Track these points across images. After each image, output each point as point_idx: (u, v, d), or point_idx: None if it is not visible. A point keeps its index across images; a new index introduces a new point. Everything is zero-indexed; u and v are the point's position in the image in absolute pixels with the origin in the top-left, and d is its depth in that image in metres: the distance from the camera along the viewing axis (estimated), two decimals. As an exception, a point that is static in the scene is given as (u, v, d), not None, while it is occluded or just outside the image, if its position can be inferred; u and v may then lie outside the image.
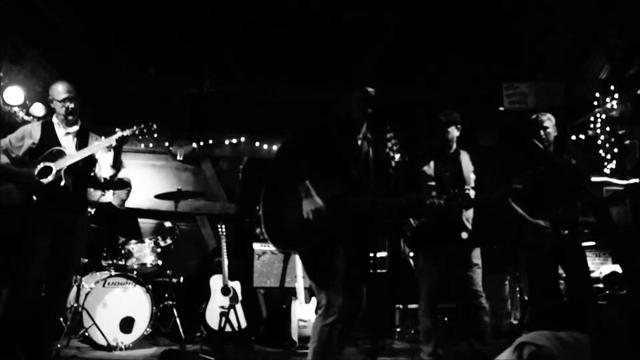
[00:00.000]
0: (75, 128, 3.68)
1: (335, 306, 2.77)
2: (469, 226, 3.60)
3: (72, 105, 3.60)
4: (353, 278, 2.87)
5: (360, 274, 2.95)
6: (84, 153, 3.52)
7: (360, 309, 2.94)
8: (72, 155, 3.52)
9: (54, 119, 3.67)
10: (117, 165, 3.65)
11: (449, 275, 3.61)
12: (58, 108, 3.62)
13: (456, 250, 3.58)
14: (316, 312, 2.89)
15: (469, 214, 3.62)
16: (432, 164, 3.65)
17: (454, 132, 3.68)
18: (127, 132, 3.48)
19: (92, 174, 3.71)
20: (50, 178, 3.41)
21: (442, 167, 3.61)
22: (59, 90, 3.61)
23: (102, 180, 3.70)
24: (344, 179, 2.90)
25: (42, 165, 3.45)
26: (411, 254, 5.39)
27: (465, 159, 3.70)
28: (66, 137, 3.64)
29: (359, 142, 3.04)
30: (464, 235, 3.57)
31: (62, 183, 3.43)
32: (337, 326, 2.79)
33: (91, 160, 3.65)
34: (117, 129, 3.50)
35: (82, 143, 3.64)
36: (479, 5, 5.24)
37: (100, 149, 3.60)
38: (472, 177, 3.59)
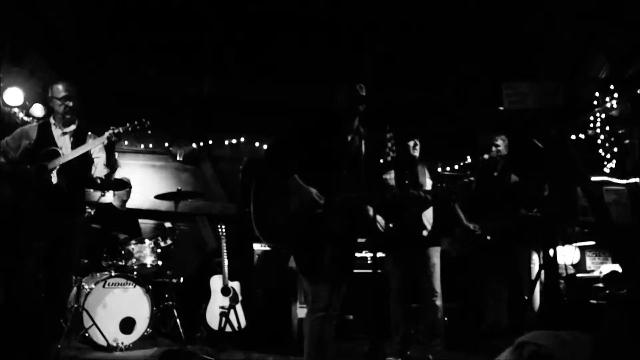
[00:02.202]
0: (72, 128, 3.66)
1: (322, 301, 2.80)
2: (429, 227, 4.02)
3: (71, 104, 3.59)
4: (337, 274, 2.88)
5: (344, 271, 2.97)
6: (77, 152, 3.51)
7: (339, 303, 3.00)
8: (65, 154, 3.51)
9: (51, 120, 3.66)
10: (111, 164, 3.63)
11: (413, 275, 4.05)
12: (57, 106, 3.61)
13: (418, 251, 4.02)
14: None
15: (429, 216, 4.04)
16: (392, 173, 4.08)
17: (413, 145, 4.11)
18: (119, 130, 3.47)
19: (90, 174, 3.68)
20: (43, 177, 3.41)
21: (401, 176, 4.03)
22: (59, 88, 3.61)
23: (98, 180, 3.68)
24: (333, 176, 2.90)
25: (36, 165, 3.45)
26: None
27: (422, 169, 4.13)
28: (62, 137, 3.63)
29: (349, 138, 3.03)
30: (425, 232, 4.00)
31: (55, 182, 3.42)
32: (326, 320, 2.81)
33: (87, 161, 3.63)
34: (111, 127, 3.49)
35: (78, 143, 3.62)
36: (478, 5, 5.24)
37: (94, 148, 3.59)
38: (429, 182, 4.04)
